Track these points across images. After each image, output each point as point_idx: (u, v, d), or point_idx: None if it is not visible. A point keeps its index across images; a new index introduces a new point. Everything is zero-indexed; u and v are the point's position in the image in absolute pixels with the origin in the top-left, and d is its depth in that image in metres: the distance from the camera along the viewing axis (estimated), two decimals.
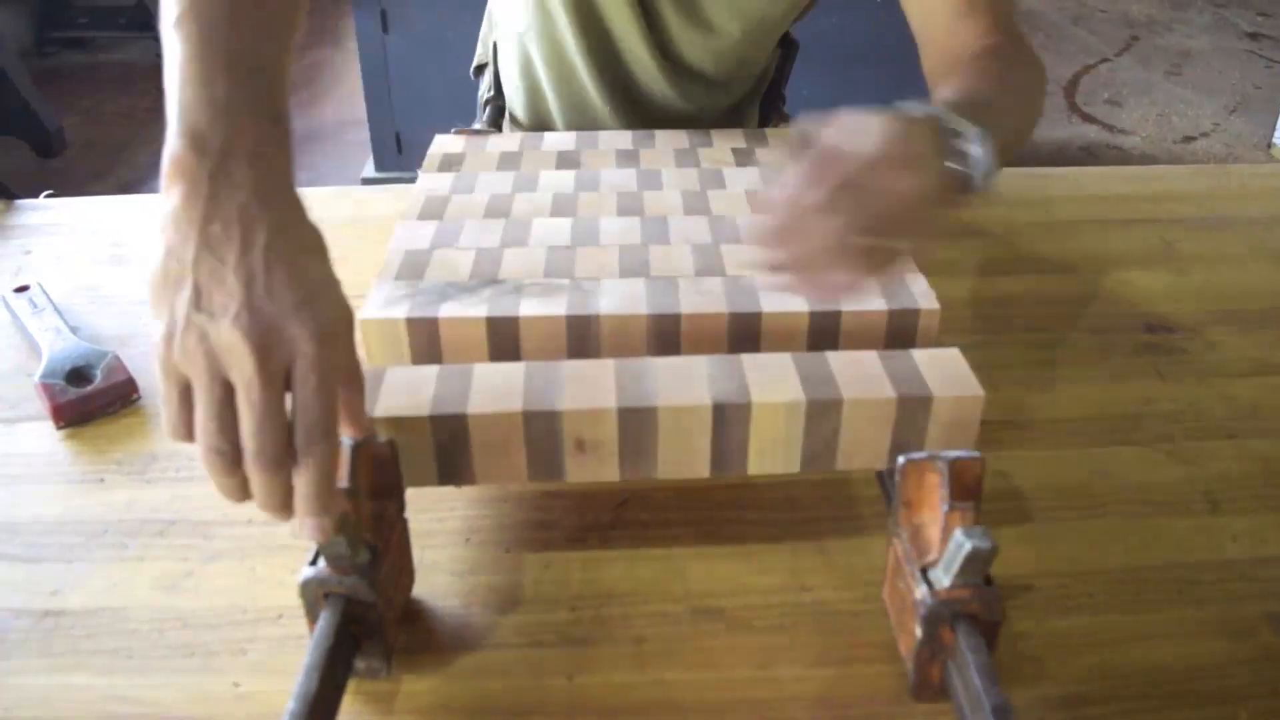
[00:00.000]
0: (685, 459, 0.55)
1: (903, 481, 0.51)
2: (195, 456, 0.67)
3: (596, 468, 0.54)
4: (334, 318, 0.45)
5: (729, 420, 0.53)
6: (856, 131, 0.51)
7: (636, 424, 0.53)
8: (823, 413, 0.54)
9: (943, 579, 0.48)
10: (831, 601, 0.57)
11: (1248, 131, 3.54)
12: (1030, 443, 0.69)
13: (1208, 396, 0.73)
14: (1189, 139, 3.51)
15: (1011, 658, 0.53)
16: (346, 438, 0.50)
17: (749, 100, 1.08)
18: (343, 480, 0.48)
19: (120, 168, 3.22)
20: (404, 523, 0.54)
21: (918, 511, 0.52)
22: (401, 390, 0.54)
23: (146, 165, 3.24)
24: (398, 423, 0.52)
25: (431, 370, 0.56)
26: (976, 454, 0.50)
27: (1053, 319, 0.82)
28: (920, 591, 0.48)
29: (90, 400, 0.72)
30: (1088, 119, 3.63)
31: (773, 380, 0.54)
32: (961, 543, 0.46)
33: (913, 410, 0.54)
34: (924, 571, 0.49)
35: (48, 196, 1.03)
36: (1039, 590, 0.57)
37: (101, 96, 3.73)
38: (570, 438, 0.53)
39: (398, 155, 2.65)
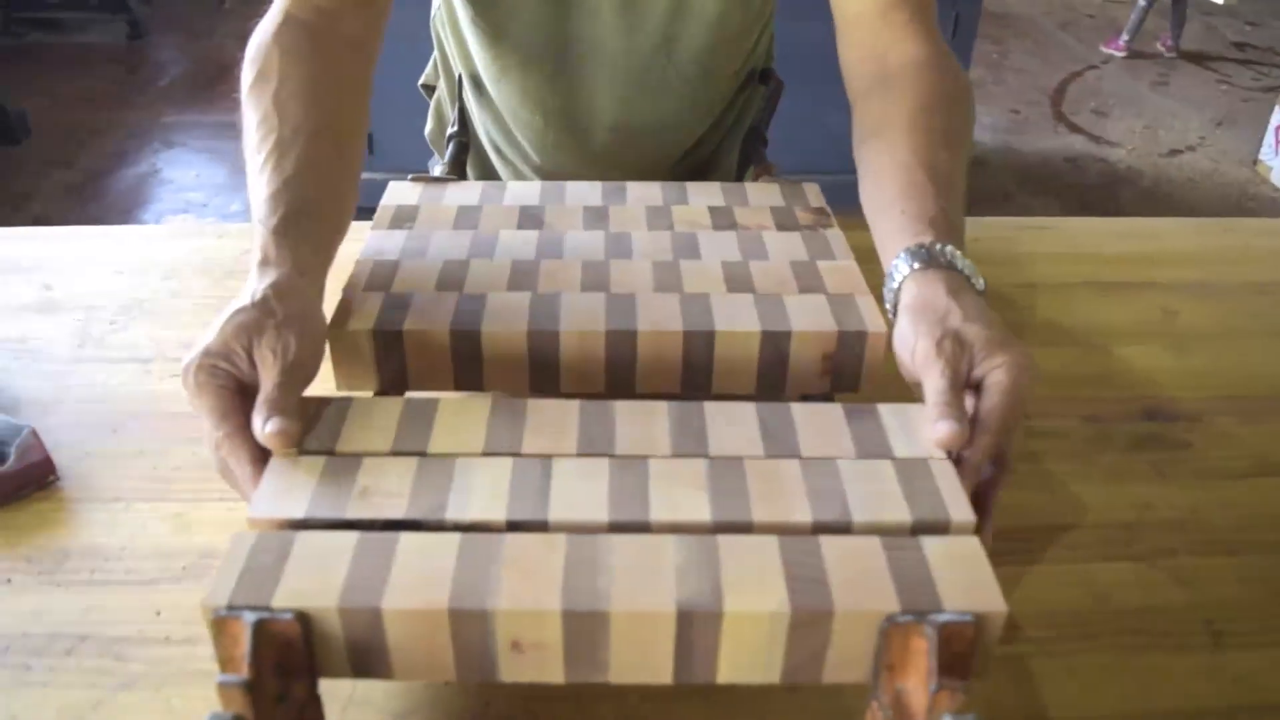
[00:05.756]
0: (643, 666, 0.46)
1: (884, 644, 0.46)
2: (110, 556, 0.62)
3: (538, 670, 0.46)
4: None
5: (696, 628, 0.45)
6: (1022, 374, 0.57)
7: (586, 628, 0.45)
8: (810, 624, 0.45)
9: None
10: None
11: (1233, 147, 3.51)
12: (1023, 555, 0.64)
13: (1209, 502, 0.69)
14: (1175, 152, 3.48)
15: None
16: (249, 614, 0.44)
17: (728, 142, 1.03)
18: (242, 670, 0.42)
19: (85, 155, 3.13)
20: (316, 702, 0.47)
21: (901, 676, 0.46)
22: (310, 568, 0.46)
23: (112, 155, 3.15)
24: (302, 612, 0.45)
25: (349, 540, 0.48)
26: (968, 617, 0.45)
27: (1044, 401, 0.77)
28: None
29: (1, 484, 0.66)
30: (1074, 129, 3.60)
31: (752, 578, 0.46)
32: None
33: None
34: None
35: None
36: None
37: (62, 77, 3.62)
38: (505, 638, 0.45)
39: (369, 156, 2.58)
